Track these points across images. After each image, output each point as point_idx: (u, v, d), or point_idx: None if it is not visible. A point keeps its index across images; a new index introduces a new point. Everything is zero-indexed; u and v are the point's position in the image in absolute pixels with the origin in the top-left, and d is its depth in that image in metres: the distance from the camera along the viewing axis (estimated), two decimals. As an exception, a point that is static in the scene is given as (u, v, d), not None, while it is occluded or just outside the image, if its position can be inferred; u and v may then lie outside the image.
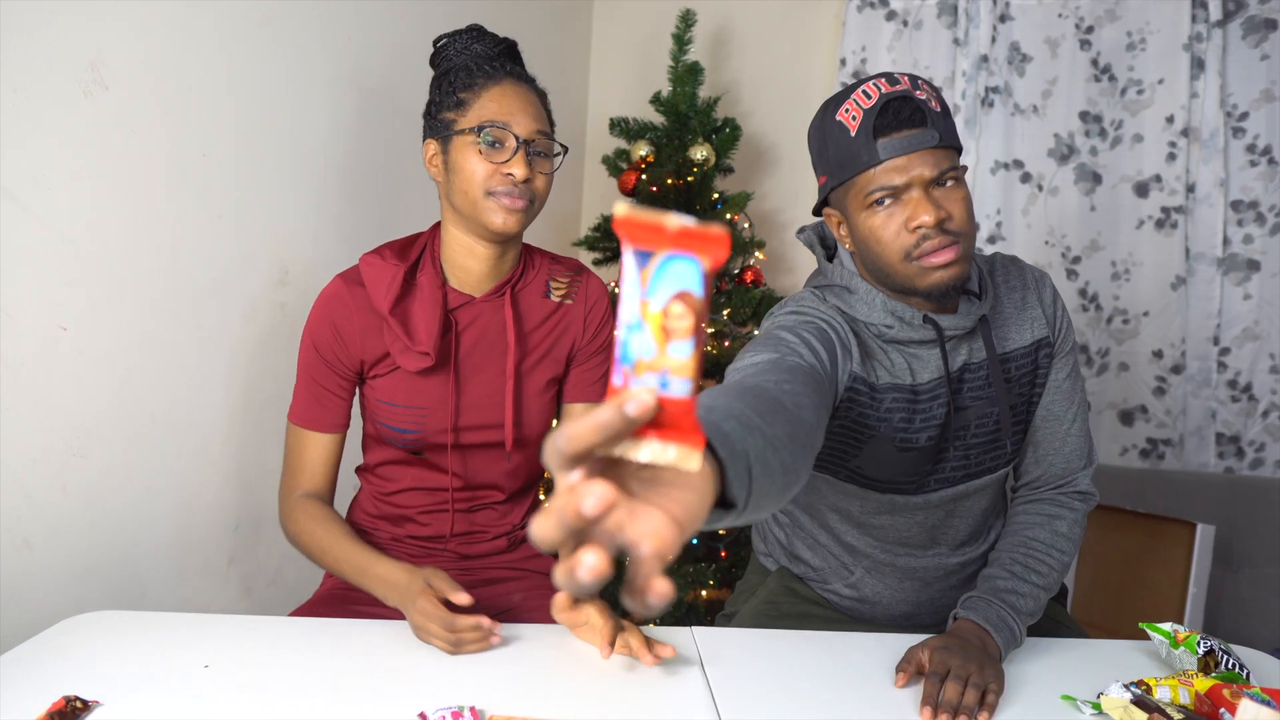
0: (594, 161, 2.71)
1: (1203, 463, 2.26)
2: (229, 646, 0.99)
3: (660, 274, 0.40)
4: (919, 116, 1.00)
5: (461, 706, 0.85)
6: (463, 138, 1.11)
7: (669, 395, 0.40)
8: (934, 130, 1.00)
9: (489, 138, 1.10)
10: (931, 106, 1.02)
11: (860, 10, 2.47)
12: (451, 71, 1.15)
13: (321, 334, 1.16)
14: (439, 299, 1.16)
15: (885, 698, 0.95)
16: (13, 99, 1.05)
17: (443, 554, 1.25)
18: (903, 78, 1.03)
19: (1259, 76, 2.19)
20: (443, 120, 1.14)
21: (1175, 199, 2.24)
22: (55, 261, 1.13)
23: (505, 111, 1.11)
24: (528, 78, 1.18)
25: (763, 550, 1.42)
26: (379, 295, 1.14)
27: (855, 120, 1.02)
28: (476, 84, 1.13)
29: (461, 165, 1.12)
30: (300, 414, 1.20)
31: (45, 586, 1.15)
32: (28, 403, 1.11)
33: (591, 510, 0.37)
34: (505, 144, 1.11)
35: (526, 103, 1.14)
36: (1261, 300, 2.20)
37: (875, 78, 1.04)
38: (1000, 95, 2.37)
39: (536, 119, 1.14)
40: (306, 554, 1.17)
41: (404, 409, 1.18)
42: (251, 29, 1.41)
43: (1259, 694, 0.86)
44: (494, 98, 1.12)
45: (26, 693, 0.86)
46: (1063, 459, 1.21)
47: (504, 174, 1.11)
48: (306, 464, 1.19)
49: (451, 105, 1.13)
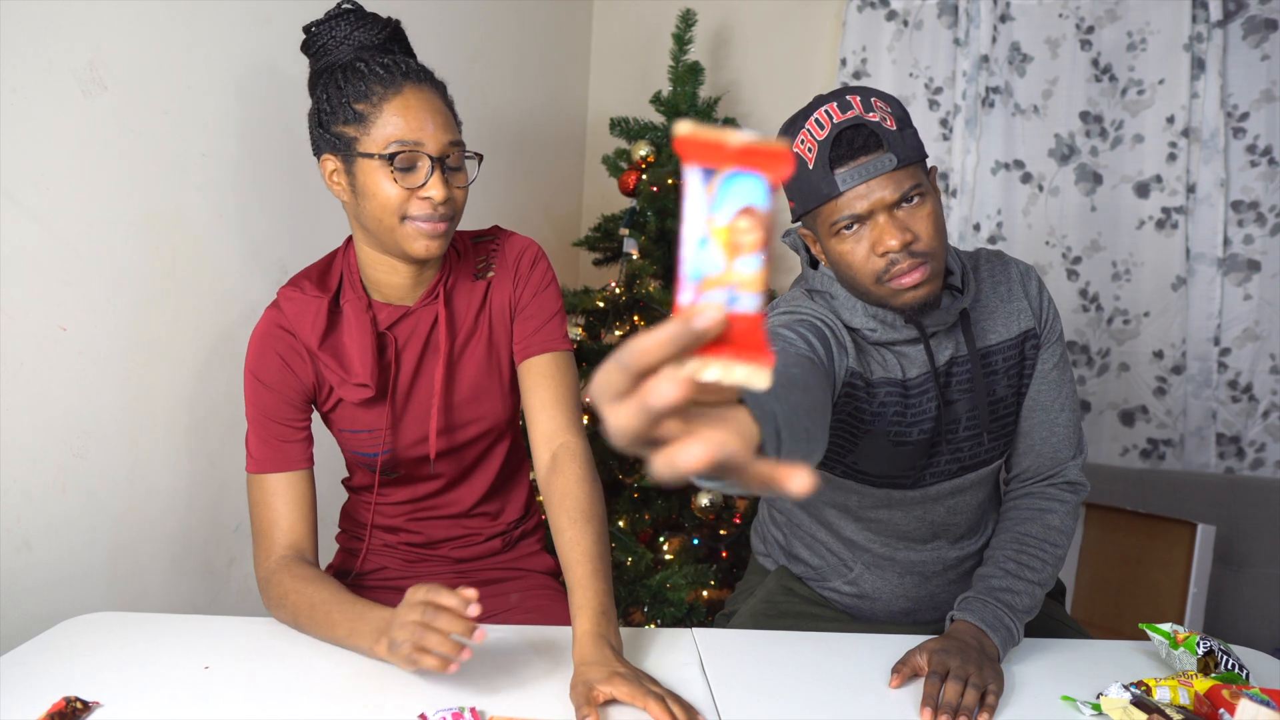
0: (594, 161, 2.71)
1: (1203, 463, 2.26)
2: (229, 647, 0.99)
3: (725, 190, 0.40)
4: (874, 141, 1.00)
5: (462, 707, 0.85)
6: (369, 161, 1.00)
7: (737, 311, 0.40)
8: (890, 153, 1.00)
9: (401, 164, 1.00)
10: (886, 126, 1.01)
11: (860, 10, 2.47)
12: (337, 71, 1.03)
13: (266, 368, 1.09)
14: (367, 326, 1.09)
15: (885, 698, 0.95)
16: (11, 99, 1.05)
17: (437, 559, 1.25)
18: (853, 99, 1.02)
19: (1259, 77, 2.19)
20: (340, 135, 1.02)
21: (1176, 199, 2.24)
22: (54, 262, 1.13)
23: (413, 127, 1.00)
24: (424, 73, 1.05)
25: (761, 551, 1.42)
26: (305, 332, 1.08)
27: (811, 153, 1.02)
28: (374, 94, 1.00)
29: (372, 190, 1.01)
30: (259, 460, 1.09)
31: (45, 587, 1.15)
32: (27, 403, 1.11)
33: (669, 396, 0.36)
34: (418, 166, 1.01)
35: (433, 110, 1.02)
36: (1262, 300, 2.20)
37: (827, 101, 1.03)
38: (1001, 95, 2.37)
39: (446, 127, 1.03)
40: (292, 621, 1.02)
41: (366, 434, 1.14)
42: (251, 28, 1.41)
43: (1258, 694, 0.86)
44: (397, 110, 1.00)
45: (27, 693, 0.86)
46: (1051, 448, 1.22)
47: (420, 198, 1.01)
48: (279, 516, 1.07)
49: (348, 118, 1.01)
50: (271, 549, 1.07)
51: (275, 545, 1.07)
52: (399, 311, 1.12)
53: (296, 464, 1.09)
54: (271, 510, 1.08)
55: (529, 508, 1.31)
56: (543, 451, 1.12)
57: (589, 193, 2.81)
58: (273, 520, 1.07)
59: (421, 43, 1.27)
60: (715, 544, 2.13)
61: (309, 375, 1.10)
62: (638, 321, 2.21)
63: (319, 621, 0.99)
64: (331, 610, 0.98)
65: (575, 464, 1.08)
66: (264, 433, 1.10)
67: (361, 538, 1.25)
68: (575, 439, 1.11)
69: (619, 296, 2.16)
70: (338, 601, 0.98)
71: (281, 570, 1.04)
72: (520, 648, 1.03)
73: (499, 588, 1.25)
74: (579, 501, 1.05)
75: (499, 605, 1.22)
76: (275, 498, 1.08)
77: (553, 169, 2.63)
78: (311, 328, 1.08)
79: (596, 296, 2.19)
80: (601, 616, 0.97)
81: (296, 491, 1.08)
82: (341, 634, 0.97)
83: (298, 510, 1.08)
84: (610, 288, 2.20)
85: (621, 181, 2.25)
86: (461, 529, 1.24)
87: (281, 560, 1.05)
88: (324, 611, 0.98)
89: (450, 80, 1.11)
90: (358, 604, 0.98)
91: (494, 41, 2.17)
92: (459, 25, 2.07)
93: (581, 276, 2.73)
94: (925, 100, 2.44)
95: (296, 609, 1.01)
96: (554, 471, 1.09)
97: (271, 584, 1.04)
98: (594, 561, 1.01)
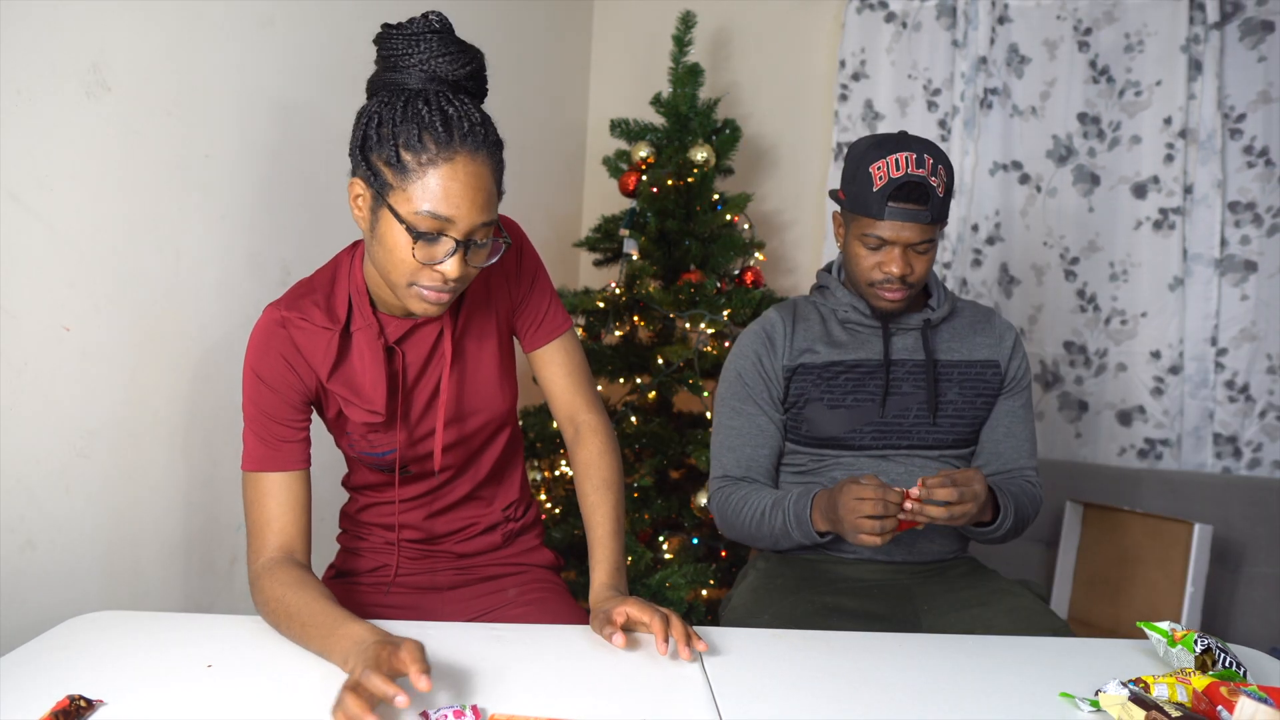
0: (594, 162, 2.71)
1: (1200, 463, 2.27)
2: (232, 646, 1.00)
3: None
4: (924, 197, 1.29)
5: (463, 705, 0.85)
6: (394, 217, 0.96)
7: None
8: (930, 211, 1.30)
9: (427, 235, 0.95)
10: (937, 192, 1.29)
11: (859, 12, 2.47)
12: (399, 97, 0.96)
13: (268, 366, 1.07)
14: (379, 353, 1.09)
15: (886, 697, 0.95)
16: (15, 100, 1.06)
17: (439, 554, 1.25)
18: (928, 160, 1.29)
19: (1256, 78, 2.19)
20: (377, 171, 0.96)
21: (1173, 200, 2.25)
22: (58, 262, 1.13)
23: (450, 202, 0.94)
24: (484, 137, 0.97)
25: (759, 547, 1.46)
26: (317, 362, 1.07)
27: (882, 180, 1.29)
28: (425, 151, 0.93)
29: (389, 245, 0.97)
30: (255, 459, 1.07)
31: (48, 586, 1.15)
32: (31, 403, 1.11)
33: None
34: (441, 241, 0.96)
35: (477, 189, 0.95)
36: (1259, 301, 2.21)
37: (913, 149, 1.29)
38: (999, 97, 2.38)
39: (484, 208, 0.97)
40: (274, 625, 1.00)
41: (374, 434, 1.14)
42: (253, 29, 1.41)
43: (1256, 692, 0.87)
44: (441, 179, 0.93)
45: (30, 692, 0.86)
46: (1009, 448, 1.42)
47: (433, 270, 0.98)
48: (272, 516, 1.06)
49: (390, 160, 0.94)
50: (262, 549, 1.05)
51: (266, 545, 1.05)
52: (406, 325, 1.11)
53: (293, 464, 1.08)
54: (264, 510, 1.06)
55: (523, 492, 1.31)
56: (567, 428, 1.25)
57: (589, 193, 2.81)
58: (265, 520, 1.06)
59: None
60: (715, 543, 2.13)
61: (313, 380, 1.10)
62: (638, 322, 2.22)
63: (296, 631, 0.97)
64: (307, 622, 0.95)
65: (597, 438, 1.22)
66: (262, 431, 1.08)
67: (362, 536, 1.25)
68: (594, 415, 1.23)
69: (619, 297, 2.17)
70: (312, 613, 0.95)
71: (267, 574, 1.03)
72: (522, 646, 1.04)
73: (499, 583, 1.26)
74: (600, 470, 1.20)
75: (499, 601, 1.23)
76: (269, 497, 1.07)
77: (553, 170, 2.63)
78: (323, 359, 1.08)
79: (596, 297, 2.20)
80: (616, 571, 1.12)
81: (291, 492, 1.07)
82: (315, 648, 0.94)
83: (291, 511, 1.07)
84: (610, 288, 2.21)
85: (621, 182, 2.26)
86: (461, 520, 1.25)
87: (269, 563, 1.04)
88: (299, 622, 0.96)
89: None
90: (331, 617, 0.94)
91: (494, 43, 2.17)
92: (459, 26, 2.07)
93: (582, 277, 2.74)
94: (924, 101, 2.45)
95: (277, 615, 0.99)
96: (578, 445, 1.23)
97: (258, 586, 1.03)
98: (612, 523, 1.16)
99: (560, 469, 2.21)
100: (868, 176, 1.30)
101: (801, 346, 1.40)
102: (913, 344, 1.40)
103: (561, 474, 2.20)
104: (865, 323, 1.40)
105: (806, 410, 1.38)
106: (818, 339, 1.41)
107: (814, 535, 1.29)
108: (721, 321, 2.11)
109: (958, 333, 1.43)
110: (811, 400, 1.37)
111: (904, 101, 2.46)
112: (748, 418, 1.40)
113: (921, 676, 1.00)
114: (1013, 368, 1.43)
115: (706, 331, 2.09)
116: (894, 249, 1.31)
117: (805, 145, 2.64)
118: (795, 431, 1.40)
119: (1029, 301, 2.41)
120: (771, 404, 1.40)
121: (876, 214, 1.29)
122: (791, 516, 1.30)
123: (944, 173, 1.31)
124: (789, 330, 1.41)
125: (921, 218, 1.29)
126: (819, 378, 1.38)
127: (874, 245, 1.32)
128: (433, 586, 1.25)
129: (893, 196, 1.28)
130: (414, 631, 1.05)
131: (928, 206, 1.28)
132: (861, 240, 1.33)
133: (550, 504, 2.16)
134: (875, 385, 1.37)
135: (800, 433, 1.39)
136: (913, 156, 1.28)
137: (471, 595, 1.25)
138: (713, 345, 2.12)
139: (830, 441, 1.38)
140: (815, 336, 1.41)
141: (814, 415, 1.37)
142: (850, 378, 1.38)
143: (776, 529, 1.32)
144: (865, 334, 1.40)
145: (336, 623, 0.92)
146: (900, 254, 1.31)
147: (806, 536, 1.30)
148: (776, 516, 1.32)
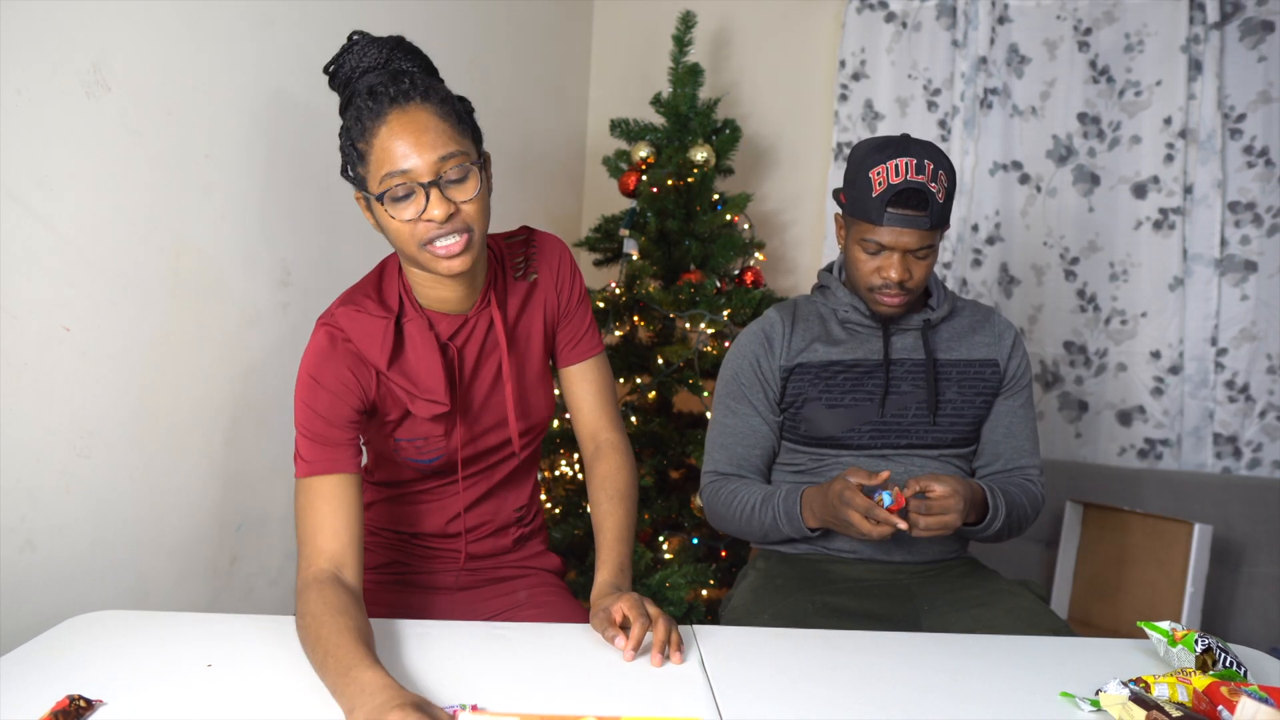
0: (594, 162, 2.71)
1: (1200, 463, 2.27)
2: (232, 646, 1.00)
3: None
4: (924, 203, 1.28)
5: (463, 704, 0.85)
6: (376, 199, 1.01)
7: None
8: (930, 217, 1.29)
9: (393, 196, 0.99)
10: (937, 198, 1.29)
11: (860, 12, 2.47)
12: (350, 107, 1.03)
13: (329, 373, 1.06)
14: (433, 343, 1.11)
15: (886, 697, 0.95)
16: (15, 100, 1.06)
17: (452, 553, 1.26)
18: (928, 165, 1.28)
19: (1256, 78, 2.20)
20: (357, 177, 1.04)
21: (1173, 200, 2.25)
22: (58, 262, 1.13)
23: (399, 155, 0.98)
24: (414, 89, 1.00)
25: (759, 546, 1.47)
26: (374, 352, 1.08)
27: (881, 185, 1.29)
28: (367, 129, 0.99)
29: (386, 224, 1.03)
30: (309, 463, 1.05)
31: (49, 586, 1.15)
32: (31, 403, 1.11)
33: None
34: (412, 194, 0.99)
35: (420, 131, 0.98)
36: (1259, 301, 2.21)
37: (914, 154, 1.28)
38: (999, 97, 2.38)
39: (435, 144, 0.99)
40: (302, 640, 0.96)
41: (424, 440, 1.16)
42: (253, 30, 1.41)
43: (1257, 692, 0.87)
44: (384, 141, 0.98)
45: (30, 692, 0.86)
46: (1010, 448, 1.42)
47: (425, 221, 1.00)
48: (324, 520, 1.03)
49: (355, 159, 1.02)
50: (312, 559, 1.02)
51: (316, 555, 1.02)
52: (457, 321, 1.13)
53: (344, 466, 1.06)
54: (317, 514, 1.03)
55: (534, 496, 1.34)
56: (588, 444, 1.29)
57: (589, 193, 2.81)
58: (317, 525, 1.03)
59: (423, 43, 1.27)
60: (714, 543, 2.13)
61: (373, 387, 1.10)
62: (638, 322, 2.22)
63: (317, 658, 0.93)
64: (328, 653, 0.91)
65: (616, 454, 1.27)
66: (316, 435, 1.06)
67: (377, 534, 1.27)
68: (616, 435, 1.28)
69: (619, 297, 2.17)
70: (337, 645, 0.91)
71: (314, 588, 0.98)
72: (523, 645, 1.04)
73: (508, 585, 1.28)
74: (617, 483, 1.24)
75: (509, 603, 1.25)
76: (322, 501, 1.04)
77: (553, 170, 2.63)
78: (380, 349, 1.08)
79: (597, 297, 2.20)
80: (620, 571, 1.15)
81: (343, 496, 1.04)
82: (328, 682, 0.90)
83: (342, 517, 1.03)
84: (610, 288, 2.21)
85: (622, 182, 2.26)
86: (476, 518, 1.26)
87: (315, 577, 1.00)
88: (323, 650, 0.92)
89: (450, 82, 1.10)
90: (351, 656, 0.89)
91: (494, 43, 2.18)
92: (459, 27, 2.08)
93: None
94: (924, 101, 2.45)
95: (306, 634, 0.96)
96: (597, 459, 1.27)
97: (303, 598, 0.99)
98: (621, 530, 1.19)
99: (560, 469, 2.21)
100: (868, 181, 1.30)
101: (800, 346, 1.40)
102: (912, 343, 1.40)
103: (561, 474, 2.20)
104: (865, 323, 1.40)
105: (805, 410, 1.38)
106: (817, 339, 1.41)
107: (805, 531, 1.32)
108: (721, 321, 2.11)
109: (957, 332, 1.43)
110: (810, 400, 1.37)
111: (904, 101, 2.46)
112: (742, 417, 1.41)
113: (921, 676, 1.00)
114: (1012, 367, 1.43)
115: (706, 331, 2.09)
116: (893, 254, 1.31)
117: (805, 145, 2.64)
118: (794, 431, 1.40)
119: (1029, 301, 2.41)
120: (766, 405, 1.40)
121: (876, 219, 1.29)
122: (782, 513, 1.32)
123: (945, 178, 1.30)
124: (788, 330, 1.41)
125: (921, 224, 1.28)
126: (817, 377, 1.38)
127: (873, 250, 1.32)
128: (442, 587, 1.26)
129: (892, 202, 1.28)
130: (414, 630, 1.05)
131: (927, 213, 1.28)
132: (861, 245, 1.33)
133: (550, 504, 2.16)
134: (874, 385, 1.37)
135: (799, 432, 1.39)
136: (913, 162, 1.28)
137: (481, 598, 1.26)
138: (713, 345, 2.12)
139: (829, 441, 1.38)
140: (814, 336, 1.41)
141: (812, 415, 1.37)
142: (849, 377, 1.38)
143: (766, 523, 1.34)
144: (865, 334, 1.40)
145: (353, 664, 0.87)
146: (899, 259, 1.31)
147: (797, 532, 1.32)
148: (766, 512, 1.34)
